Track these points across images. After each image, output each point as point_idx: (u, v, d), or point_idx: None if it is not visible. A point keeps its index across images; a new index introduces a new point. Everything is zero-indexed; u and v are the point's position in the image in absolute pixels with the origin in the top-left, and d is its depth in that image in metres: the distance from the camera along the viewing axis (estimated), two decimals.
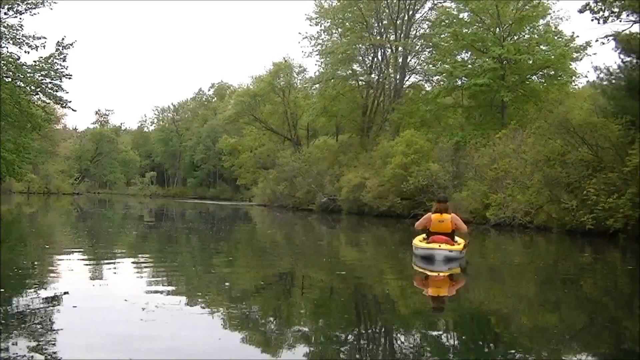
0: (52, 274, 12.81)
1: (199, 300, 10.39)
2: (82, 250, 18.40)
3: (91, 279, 12.08)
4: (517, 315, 10.42)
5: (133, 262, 15.42)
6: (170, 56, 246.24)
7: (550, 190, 29.89)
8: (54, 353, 6.71)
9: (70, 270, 13.21)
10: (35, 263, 14.58)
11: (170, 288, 11.53)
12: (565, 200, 28.72)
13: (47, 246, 19.63)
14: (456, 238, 16.93)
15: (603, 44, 28.77)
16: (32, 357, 6.47)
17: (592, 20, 27.91)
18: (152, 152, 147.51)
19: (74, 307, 9.15)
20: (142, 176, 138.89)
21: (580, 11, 27.94)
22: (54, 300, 9.63)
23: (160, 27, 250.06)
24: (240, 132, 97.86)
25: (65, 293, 10.20)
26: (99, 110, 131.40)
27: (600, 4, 27.45)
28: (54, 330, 7.71)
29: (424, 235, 17.30)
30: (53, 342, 7.11)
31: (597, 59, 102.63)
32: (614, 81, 30.14)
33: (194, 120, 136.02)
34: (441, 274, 15.21)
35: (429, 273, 15.17)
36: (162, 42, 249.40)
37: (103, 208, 58.73)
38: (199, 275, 13.45)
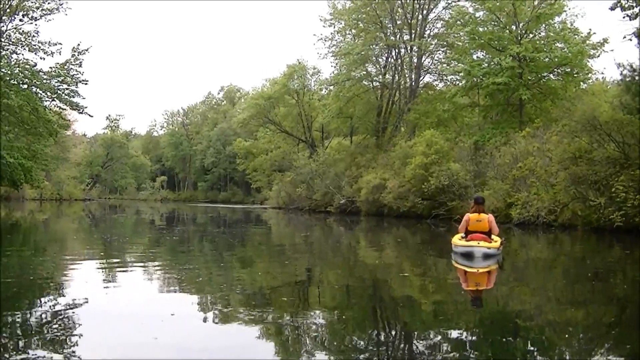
0: (67, 281, 12.85)
1: (216, 305, 10.38)
2: (96, 256, 18.50)
3: (106, 286, 12.12)
4: (546, 312, 10.49)
5: (148, 268, 15.40)
6: (179, 60, 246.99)
7: (576, 188, 29.75)
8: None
9: (85, 277, 13.28)
10: (51, 270, 14.69)
11: (186, 294, 11.52)
12: (592, 197, 28.60)
13: (61, 253, 19.79)
14: (493, 236, 17.52)
15: (630, 39, 28.61)
16: None
17: (624, 17, 27.88)
18: (162, 156, 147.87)
19: (90, 313, 9.25)
20: (153, 181, 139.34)
21: (612, 8, 27.89)
22: (71, 307, 9.64)
23: (168, 31, 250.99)
24: (252, 135, 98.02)
25: (81, 300, 10.22)
26: (109, 115, 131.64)
27: (631, 0, 27.42)
28: (72, 337, 7.71)
29: (462, 234, 17.92)
30: (71, 350, 7.15)
31: (620, 55, 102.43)
32: (637, 77, 29.98)
33: (204, 124, 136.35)
34: (480, 270, 15.57)
35: (468, 269, 15.69)
36: (170, 46, 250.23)
37: (115, 214, 58.70)
38: (215, 280, 13.36)
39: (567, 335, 8.63)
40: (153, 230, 33.72)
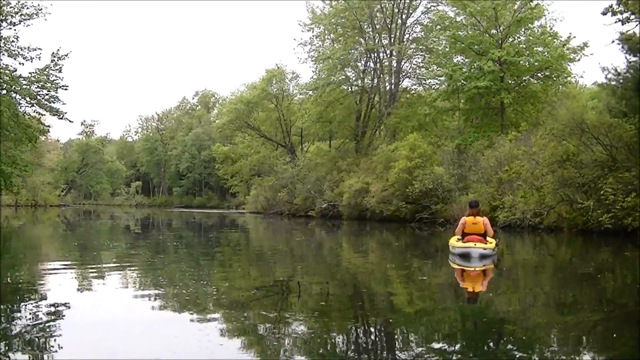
0: (43, 288, 12.70)
1: (194, 310, 10.31)
2: (71, 263, 18.34)
3: (82, 292, 12.05)
4: (538, 313, 10.62)
5: (123, 274, 15.26)
6: (153, 65, 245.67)
7: (563, 191, 29.98)
8: None
9: (62, 283, 13.06)
10: (28, 276, 14.64)
11: (162, 299, 11.36)
12: (580, 200, 28.84)
13: (38, 259, 19.69)
14: (488, 238, 18.45)
15: (619, 43, 28.87)
16: None
17: (616, 22, 28.17)
18: (136, 161, 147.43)
19: (66, 320, 9.16)
20: (128, 186, 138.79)
21: (603, 13, 28.16)
22: (49, 313, 9.54)
23: (143, 36, 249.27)
24: (228, 140, 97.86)
25: (59, 306, 10.09)
26: (84, 121, 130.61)
27: (621, 6, 27.71)
28: (50, 344, 7.64)
29: (458, 236, 18.83)
30: (51, 356, 7.10)
31: (599, 58, 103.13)
32: (622, 81, 30.27)
33: (179, 129, 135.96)
34: (477, 268, 16.45)
35: (465, 269, 16.52)
36: (144, 50, 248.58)
37: (90, 219, 58.42)
38: (193, 284, 13.20)
39: (557, 336, 8.73)
40: (129, 236, 33.44)
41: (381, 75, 59.99)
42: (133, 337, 8.34)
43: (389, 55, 59.37)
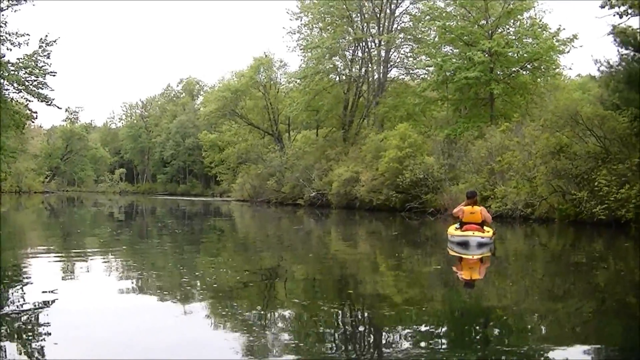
0: (28, 275, 12.77)
1: (180, 298, 10.37)
2: (55, 249, 18.48)
3: (66, 279, 12.15)
4: (529, 301, 10.92)
5: (107, 261, 15.38)
6: (137, 51, 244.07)
7: (556, 182, 30.14)
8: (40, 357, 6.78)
9: (46, 270, 13.15)
10: (10, 265, 14.53)
11: (148, 287, 11.44)
12: (573, 191, 29.03)
13: (21, 246, 19.71)
14: (485, 227, 19.21)
15: (611, 35, 29.01)
16: None
17: (614, 15, 28.24)
18: (120, 148, 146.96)
19: (53, 308, 9.22)
20: (112, 173, 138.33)
21: (602, 6, 28.25)
22: (36, 303, 9.52)
23: (126, 22, 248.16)
24: (212, 127, 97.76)
25: (46, 296, 10.07)
26: (68, 107, 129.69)
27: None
28: (37, 334, 7.67)
29: (456, 225, 19.67)
30: (37, 347, 7.10)
31: (590, 51, 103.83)
32: (614, 74, 30.44)
33: (163, 116, 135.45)
34: (475, 256, 17.42)
35: (464, 256, 17.39)
36: (128, 37, 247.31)
37: (74, 206, 58.48)
38: (180, 273, 13.28)
39: (550, 325, 8.93)
40: (113, 223, 33.43)
41: (369, 65, 59.98)
42: (117, 325, 8.40)
43: (377, 45, 59.38)
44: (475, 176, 36.76)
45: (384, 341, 7.78)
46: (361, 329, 8.67)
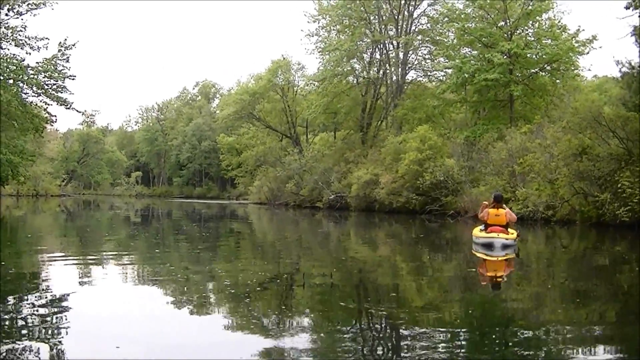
0: (45, 279, 12.75)
1: (199, 301, 10.40)
2: (72, 253, 18.49)
3: (84, 282, 12.02)
4: (551, 304, 10.80)
5: (124, 264, 15.34)
6: (154, 55, 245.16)
7: (578, 184, 29.99)
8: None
9: (63, 274, 13.14)
10: (29, 267, 14.64)
11: (167, 290, 11.40)
12: (595, 193, 28.87)
13: (40, 250, 19.59)
14: (509, 229, 19.72)
15: (634, 35, 28.89)
16: None
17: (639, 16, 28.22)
18: (137, 152, 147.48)
19: (70, 312, 9.12)
20: (128, 176, 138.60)
21: (627, 7, 28.21)
22: (50, 305, 9.54)
23: (143, 26, 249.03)
24: (228, 130, 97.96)
25: (63, 298, 10.05)
26: (85, 110, 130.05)
27: None
28: (55, 336, 7.62)
29: (481, 227, 20.17)
30: (58, 349, 7.06)
31: (608, 51, 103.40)
32: (635, 75, 30.27)
33: (179, 120, 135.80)
34: (499, 258, 17.63)
35: (488, 258, 17.57)
36: (144, 41, 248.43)
37: (90, 209, 58.67)
38: (197, 274, 13.36)
39: (572, 328, 8.71)
40: (129, 226, 33.66)
41: (387, 67, 59.97)
42: (133, 325, 8.46)
43: (395, 47, 59.34)
44: (495, 178, 36.68)
45: (403, 345, 7.66)
46: (380, 332, 8.54)
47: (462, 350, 7.44)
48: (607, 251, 21.49)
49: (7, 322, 8.21)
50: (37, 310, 9.00)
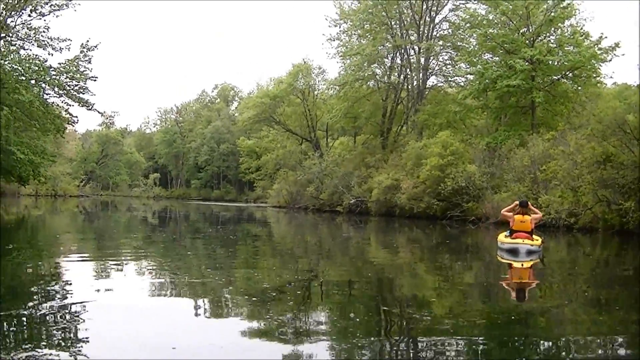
0: (64, 279, 12.75)
1: (217, 304, 10.42)
2: (91, 254, 18.51)
3: (101, 283, 11.97)
4: (573, 312, 10.72)
5: (142, 266, 15.30)
6: (173, 57, 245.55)
7: (602, 192, 29.85)
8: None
9: (81, 275, 13.08)
10: (48, 268, 14.61)
11: (186, 294, 11.43)
12: (620, 201, 28.74)
13: (57, 251, 19.62)
14: (534, 235, 20.00)
15: None
16: None
17: None
18: (155, 153, 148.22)
19: (89, 309, 9.19)
20: (146, 178, 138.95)
21: None
22: (68, 308, 9.47)
23: (163, 28, 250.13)
24: (248, 134, 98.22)
25: (82, 300, 9.97)
26: (104, 112, 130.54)
27: None
28: (76, 337, 7.62)
29: (506, 232, 20.53)
30: (76, 349, 7.07)
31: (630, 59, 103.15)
32: None
33: (198, 122, 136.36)
34: (524, 264, 17.78)
35: (514, 264, 17.71)
36: (164, 43, 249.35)
37: (108, 210, 58.88)
38: (216, 278, 13.28)
39: (594, 337, 8.67)
40: (147, 228, 33.91)
41: (408, 72, 59.99)
42: (149, 325, 8.54)
43: (416, 52, 59.27)
44: (517, 185, 36.55)
45: (421, 353, 7.57)
46: (398, 338, 8.45)
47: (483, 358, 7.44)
48: (631, 259, 21.46)
49: (25, 325, 8.26)
50: (55, 313, 8.99)
